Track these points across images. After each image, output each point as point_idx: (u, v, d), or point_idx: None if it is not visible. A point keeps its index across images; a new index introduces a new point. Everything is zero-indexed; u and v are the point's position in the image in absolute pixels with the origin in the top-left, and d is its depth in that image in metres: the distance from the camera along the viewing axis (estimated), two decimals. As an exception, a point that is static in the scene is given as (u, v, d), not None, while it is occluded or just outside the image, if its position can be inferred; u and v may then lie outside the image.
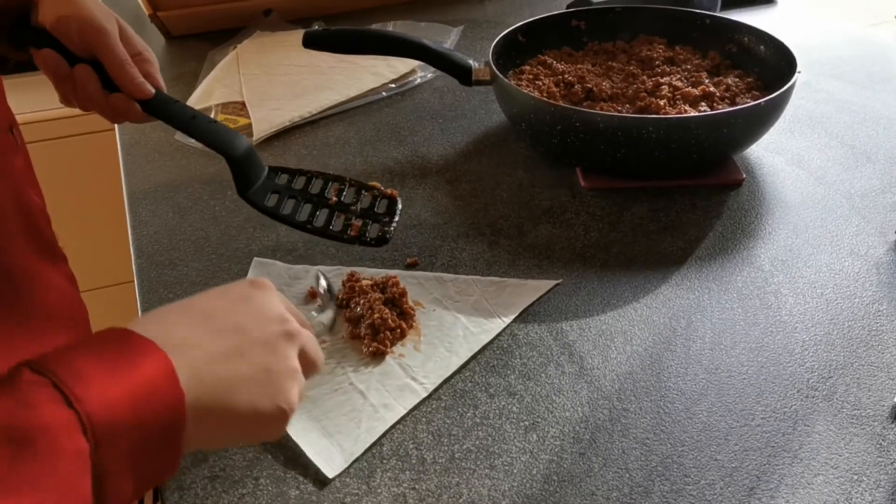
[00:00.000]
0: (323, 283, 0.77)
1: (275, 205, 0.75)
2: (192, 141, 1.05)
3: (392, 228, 0.75)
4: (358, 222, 0.75)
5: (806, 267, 0.81)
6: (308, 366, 0.51)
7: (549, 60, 1.08)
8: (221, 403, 0.44)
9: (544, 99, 0.94)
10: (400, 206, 0.77)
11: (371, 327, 0.72)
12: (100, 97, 0.71)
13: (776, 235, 0.86)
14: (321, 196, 0.77)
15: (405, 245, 0.85)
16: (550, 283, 0.79)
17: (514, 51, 1.09)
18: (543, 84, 1.01)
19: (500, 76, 0.96)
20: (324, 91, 1.15)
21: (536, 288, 0.78)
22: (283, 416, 0.47)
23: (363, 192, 0.78)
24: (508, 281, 0.79)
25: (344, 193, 0.77)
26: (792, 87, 0.91)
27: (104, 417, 0.38)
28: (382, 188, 0.78)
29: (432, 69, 1.21)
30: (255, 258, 0.83)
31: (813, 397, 0.67)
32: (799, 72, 0.93)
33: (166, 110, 0.74)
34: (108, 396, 0.38)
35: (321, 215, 0.75)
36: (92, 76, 0.70)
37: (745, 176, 0.95)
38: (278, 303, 0.51)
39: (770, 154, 1.01)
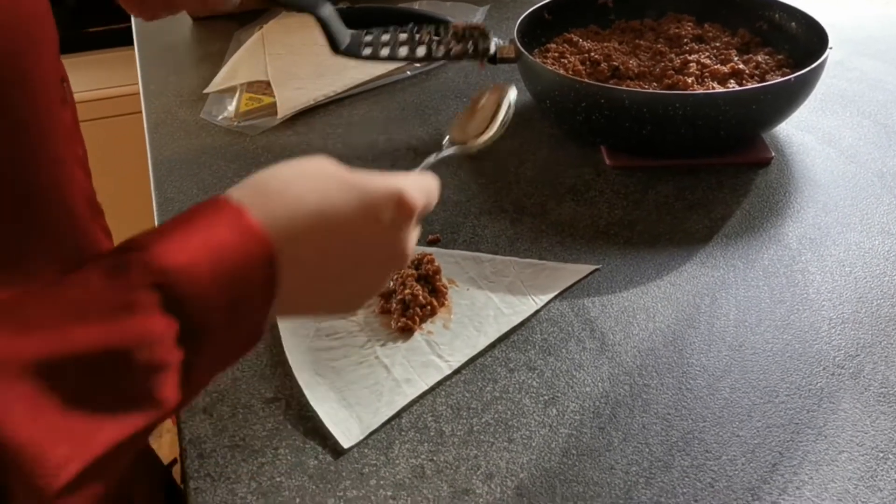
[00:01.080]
0: (511, 95, 0.75)
1: (371, 53, 0.79)
2: (218, 119, 1.05)
3: (489, 45, 0.75)
4: (458, 46, 0.75)
5: (835, 245, 0.80)
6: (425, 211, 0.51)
7: (576, 39, 1.06)
8: (312, 283, 0.45)
9: (569, 76, 0.93)
10: (491, 36, 0.76)
11: (402, 303, 0.72)
12: None
13: (805, 213, 0.84)
14: (411, 38, 0.78)
15: (427, 222, 0.85)
16: (589, 268, 0.78)
17: (540, 29, 1.07)
18: (569, 62, 1.00)
19: (526, 53, 0.95)
20: (348, 70, 1.15)
21: (574, 272, 0.77)
22: (369, 296, 0.52)
23: (441, 27, 0.78)
24: (546, 264, 0.78)
25: (427, 30, 0.78)
26: (823, 63, 0.90)
27: (198, 317, 0.37)
28: (472, 24, 0.77)
29: (458, 49, 1.20)
30: None
31: (839, 375, 0.66)
32: (831, 48, 0.91)
33: None
34: (203, 285, 0.37)
35: (420, 50, 0.77)
36: None
37: (773, 154, 0.93)
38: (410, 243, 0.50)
39: (800, 132, 0.99)
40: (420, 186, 0.49)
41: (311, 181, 0.46)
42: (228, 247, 0.39)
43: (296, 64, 1.19)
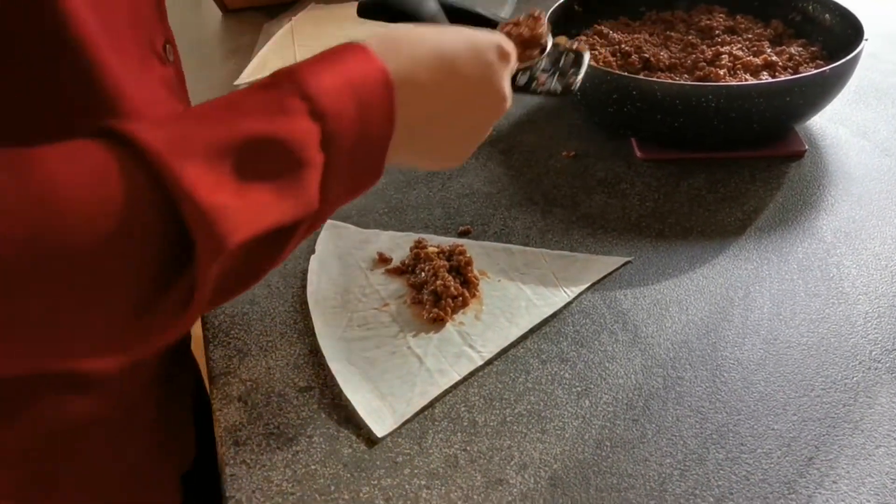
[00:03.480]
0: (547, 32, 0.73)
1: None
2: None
3: (578, 80, 0.74)
4: (543, 76, 0.74)
5: (870, 239, 0.79)
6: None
7: (606, 30, 1.06)
8: (438, 105, 0.51)
9: (600, 67, 0.92)
10: (588, 59, 0.75)
11: (433, 294, 0.72)
12: None
13: (839, 207, 0.84)
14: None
15: (458, 213, 0.85)
16: (620, 260, 0.77)
17: (570, 21, 1.07)
18: (600, 54, 1.00)
19: (556, 45, 0.95)
20: (378, 62, 1.16)
21: (605, 264, 0.77)
22: (501, 105, 0.57)
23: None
24: (578, 255, 0.78)
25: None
26: (858, 55, 0.88)
27: (336, 126, 0.43)
28: (567, 43, 0.76)
29: (486, 41, 1.20)
30: (328, 220, 0.84)
31: (876, 369, 0.65)
32: (866, 39, 0.90)
33: None
34: (341, 103, 0.43)
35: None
36: None
37: (807, 147, 0.92)
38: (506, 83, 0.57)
39: (834, 125, 0.98)
40: (509, 41, 0.59)
41: (429, 29, 0.53)
42: (357, 75, 0.45)
43: (325, 56, 1.19)
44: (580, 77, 0.72)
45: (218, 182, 0.38)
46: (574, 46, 0.74)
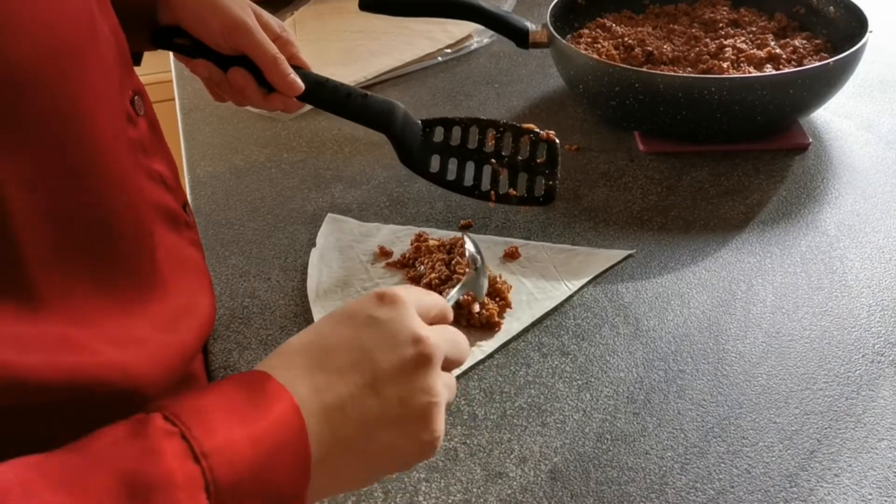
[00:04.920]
0: (470, 246, 0.71)
1: (438, 170, 0.78)
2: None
3: (557, 182, 0.76)
4: (523, 178, 0.76)
5: (874, 232, 0.78)
6: (452, 366, 0.47)
7: (609, 24, 1.05)
8: (355, 450, 0.42)
9: (603, 60, 0.92)
10: (559, 151, 0.77)
11: (428, 286, 0.72)
12: (258, 98, 0.71)
13: (843, 200, 0.83)
14: (480, 151, 0.78)
15: (459, 207, 0.85)
16: (622, 254, 0.77)
17: (573, 14, 1.07)
18: (602, 47, 0.99)
19: (558, 38, 0.94)
20: (379, 56, 1.15)
21: (607, 258, 0.77)
22: (428, 447, 0.44)
23: (520, 137, 0.78)
24: (579, 249, 0.78)
25: (501, 142, 0.78)
26: (863, 47, 0.88)
27: (228, 476, 0.36)
28: (538, 130, 0.77)
29: (488, 35, 1.20)
30: (329, 214, 0.84)
31: (879, 362, 0.64)
32: (871, 31, 0.89)
33: (319, 95, 0.74)
34: (234, 454, 0.37)
35: (485, 176, 0.77)
36: (248, 78, 0.69)
37: (811, 140, 0.92)
38: (409, 318, 0.45)
39: (838, 118, 0.97)
40: (446, 338, 0.47)
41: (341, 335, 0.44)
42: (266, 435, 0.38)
43: (327, 50, 1.19)
44: (558, 176, 0.75)
45: None
46: (545, 135, 0.77)
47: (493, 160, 0.78)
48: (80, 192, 0.45)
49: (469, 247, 0.63)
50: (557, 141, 0.77)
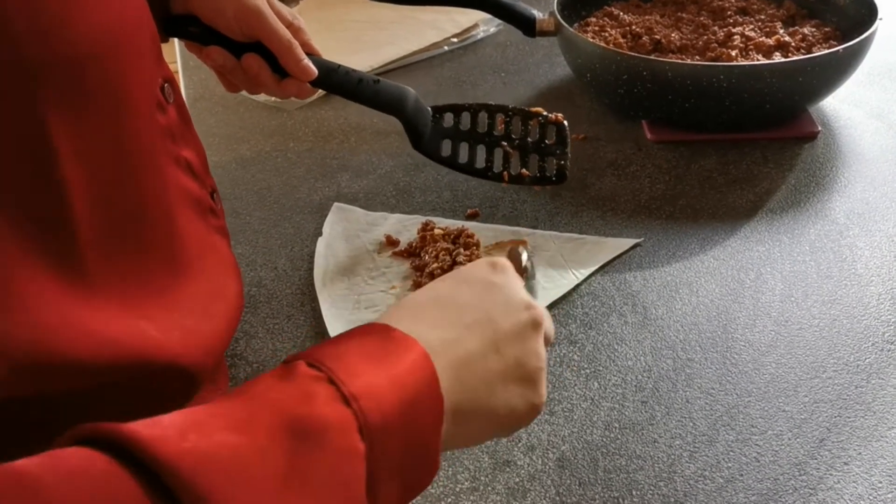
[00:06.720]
0: (525, 256, 0.72)
1: (450, 153, 0.77)
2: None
3: (567, 161, 0.76)
4: (535, 159, 0.76)
5: (884, 220, 0.78)
6: (546, 342, 0.49)
7: (616, 12, 1.05)
8: (478, 404, 0.43)
9: (611, 48, 0.91)
10: (569, 132, 0.77)
11: (430, 276, 0.72)
12: (272, 83, 0.70)
13: (852, 188, 0.83)
14: (490, 134, 0.77)
15: (466, 196, 0.84)
16: (630, 242, 0.77)
17: (580, 2, 1.06)
18: (610, 35, 0.99)
19: (566, 26, 0.94)
20: (384, 46, 1.15)
21: (615, 246, 0.76)
22: (534, 411, 0.45)
23: (529, 121, 0.77)
24: (587, 238, 0.78)
25: (511, 126, 0.78)
26: (873, 34, 0.87)
27: (377, 418, 0.37)
28: (546, 114, 0.77)
29: (494, 24, 1.19)
30: (335, 203, 0.83)
31: (888, 350, 0.64)
32: (881, 18, 0.89)
33: (331, 80, 0.73)
34: (380, 397, 0.37)
35: (497, 158, 0.77)
36: (263, 65, 0.68)
37: (820, 128, 0.91)
38: (521, 286, 0.48)
39: (847, 106, 0.97)
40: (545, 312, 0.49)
41: (457, 288, 0.46)
42: (384, 353, 0.39)
43: (332, 39, 1.18)
44: (568, 155, 0.74)
45: (252, 497, 0.33)
46: (553, 118, 0.76)
47: (503, 143, 0.77)
48: (123, 174, 0.46)
49: (524, 258, 0.63)
50: (566, 122, 0.77)
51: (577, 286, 0.72)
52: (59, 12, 0.40)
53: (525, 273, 0.59)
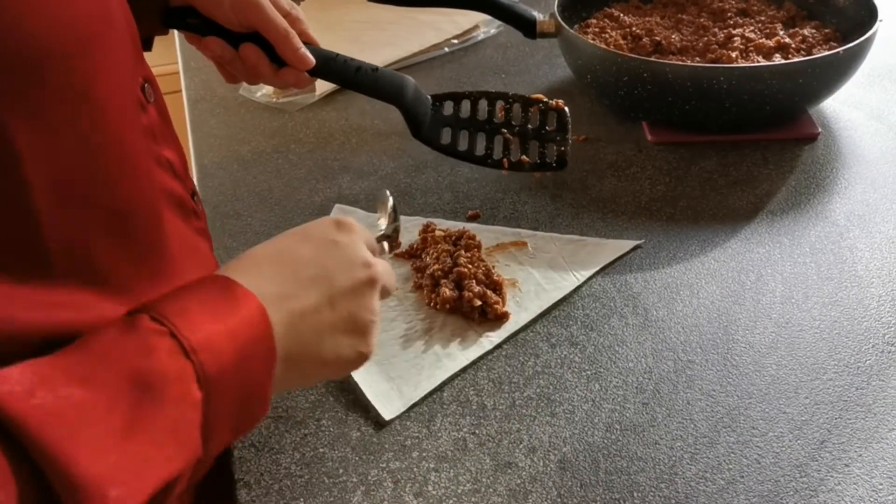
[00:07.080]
0: (391, 200, 0.72)
1: (450, 141, 0.77)
2: (257, 95, 1.06)
3: (568, 147, 0.76)
4: (535, 146, 0.76)
5: (884, 222, 0.78)
6: (383, 295, 0.53)
7: (617, 13, 1.05)
8: (309, 353, 0.47)
9: (611, 50, 0.91)
10: (569, 118, 0.77)
11: (431, 277, 0.72)
12: (270, 73, 0.70)
13: (853, 190, 0.83)
14: (490, 122, 0.77)
15: (467, 198, 0.84)
16: (630, 244, 0.77)
17: (580, 3, 1.06)
18: (610, 37, 0.99)
19: (566, 27, 0.94)
20: (385, 47, 1.15)
21: (615, 248, 0.76)
22: (361, 359, 0.50)
23: (529, 108, 0.77)
24: (587, 239, 0.78)
25: (511, 113, 0.78)
26: (873, 36, 0.87)
27: (215, 369, 0.40)
28: (547, 100, 0.77)
29: (495, 25, 1.19)
30: (336, 205, 0.84)
31: (889, 352, 0.64)
32: (881, 20, 0.89)
33: (329, 69, 0.73)
34: (218, 349, 0.41)
35: (497, 145, 0.76)
36: (260, 55, 0.68)
37: (820, 130, 0.92)
38: (362, 245, 0.52)
39: (848, 108, 0.97)
40: (386, 269, 0.54)
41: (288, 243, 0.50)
42: (221, 305, 0.43)
43: (332, 40, 1.18)
44: (569, 141, 0.74)
45: (96, 449, 0.35)
46: (553, 104, 0.76)
47: (503, 130, 0.77)
48: (96, 171, 0.46)
49: (390, 202, 0.66)
50: (567, 109, 0.77)
51: (578, 288, 0.72)
52: (9, 8, 0.39)
53: (391, 216, 0.62)
